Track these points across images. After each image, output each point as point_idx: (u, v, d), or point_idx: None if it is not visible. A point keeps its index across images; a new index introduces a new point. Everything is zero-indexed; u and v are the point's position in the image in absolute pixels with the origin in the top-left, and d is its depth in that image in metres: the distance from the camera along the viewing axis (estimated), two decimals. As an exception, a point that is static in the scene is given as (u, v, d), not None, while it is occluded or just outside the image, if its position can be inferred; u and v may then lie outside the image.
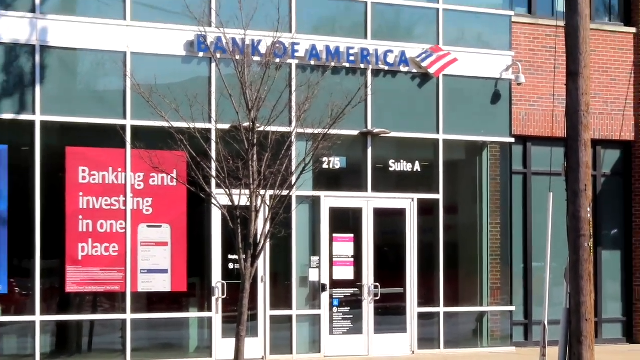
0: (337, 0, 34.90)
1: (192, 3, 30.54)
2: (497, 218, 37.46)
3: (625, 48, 40.32)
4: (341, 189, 35.14)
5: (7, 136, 30.68)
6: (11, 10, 30.58)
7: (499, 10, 37.16)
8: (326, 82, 31.58)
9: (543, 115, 37.20)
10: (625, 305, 40.60)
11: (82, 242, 31.06)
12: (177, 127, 27.06)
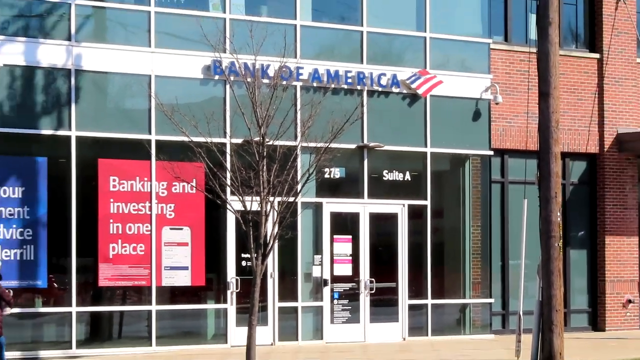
0: (336, 30, 34.92)
1: (209, 32, 30.51)
2: (478, 221, 37.48)
3: (590, 71, 40.29)
4: (340, 195, 35.13)
5: (47, 150, 30.81)
6: (50, 39, 30.61)
7: (478, 38, 37.17)
8: (327, 101, 31.59)
9: (518, 130, 37.19)
10: (591, 297, 40.56)
11: (113, 242, 31.16)
12: (196, 141, 27.05)
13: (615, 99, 40.67)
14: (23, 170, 30.56)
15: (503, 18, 39.06)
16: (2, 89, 30.03)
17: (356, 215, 35.33)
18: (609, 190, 40.66)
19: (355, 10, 35.07)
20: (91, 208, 31.22)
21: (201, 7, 32.89)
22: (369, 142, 34.72)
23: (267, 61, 28.99)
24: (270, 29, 31.10)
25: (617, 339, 37.15)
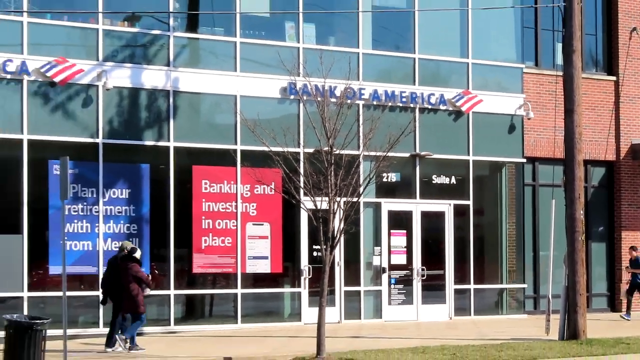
0: (392, 57, 34.75)
1: (285, 59, 30.45)
2: (513, 218, 37.24)
3: (608, 91, 39.95)
4: (396, 196, 34.99)
5: (149, 158, 30.86)
6: (151, 65, 30.69)
7: (513, 63, 36.92)
8: (385, 117, 31.44)
9: (547, 142, 36.89)
10: (609, 283, 40.22)
11: (205, 236, 31.24)
12: (274, 150, 27.02)
13: (629, 115, 40.35)
14: (129, 175, 30.72)
15: (534, 46, 38.80)
16: (111, 107, 30.17)
17: (409, 213, 35.21)
18: (624, 193, 40.35)
19: (408, 40, 34.93)
20: (186, 207, 31.36)
21: (279, 38, 32.92)
22: (420, 151, 34.60)
23: (335, 83, 28.87)
24: (337, 56, 31.01)
25: (632, 320, 36.79)
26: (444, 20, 35.44)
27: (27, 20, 29.20)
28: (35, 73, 28.98)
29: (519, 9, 37.39)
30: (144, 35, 31.07)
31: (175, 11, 31.64)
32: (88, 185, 29.73)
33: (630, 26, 40.31)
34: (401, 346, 27.22)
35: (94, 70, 29.83)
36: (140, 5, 31.04)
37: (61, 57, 29.38)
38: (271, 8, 33.23)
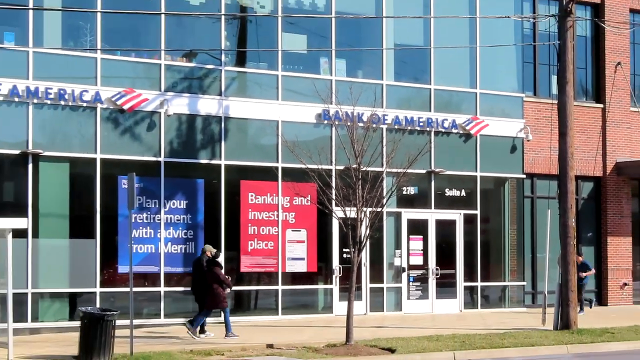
0: (411, 87, 34.53)
1: (320, 89, 30.41)
2: (514, 225, 36.93)
3: (596, 117, 39.64)
4: (414, 207, 34.71)
5: (203, 174, 30.79)
6: (206, 94, 30.61)
7: (515, 93, 36.65)
8: (404, 139, 31.19)
9: (544, 160, 36.61)
10: (597, 281, 39.86)
11: (251, 240, 31.12)
12: (310, 167, 26.91)
13: (614, 137, 40.00)
14: (186, 188, 30.62)
15: (532, 78, 38.54)
16: (171, 130, 30.10)
17: (425, 221, 34.91)
18: (610, 204, 40.00)
19: (425, 73, 34.72)
20: (235, 216, 31.19)
21: (314, 71, 32.72)
22: (435, 168, 34.31)
23: (362, 110, 28.65)
24: (364, 87, 31.18)
25: (616, 312, 36.51)
26: (456, 56, 35.23)
27: (100, 57, 29.20)
28: (107, 102, 28.94)
29: (520, 46, 37.09)
30: (199, 69, 31.04)
31: (226, 49, 31.56)
32: (151, 197, 29.69)
33: (615, 61, 39.99)
34: (418, 335, 27.16)
35: (157, 99, 29.76)
36: (196, 43, 31.02)
37: (129, 88, 29.33)
38: (308, 45, 33.14)
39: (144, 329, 27.53)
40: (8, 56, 27.99)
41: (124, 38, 30.16)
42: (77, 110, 28.83)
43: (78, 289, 28.75)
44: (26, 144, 27.94)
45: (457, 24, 35.20)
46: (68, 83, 28.51)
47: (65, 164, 28.81)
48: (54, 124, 28.66)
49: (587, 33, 40.01)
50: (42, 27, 28.75)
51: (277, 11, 32.08)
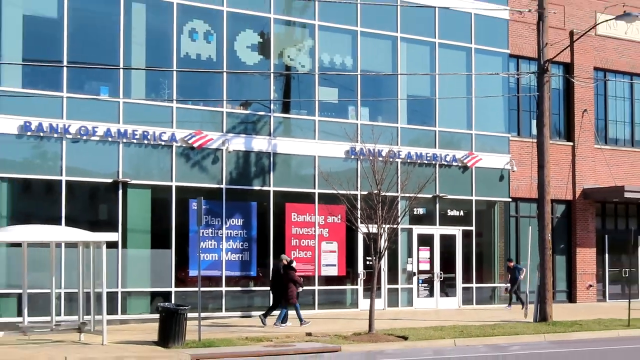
0: (420, 129, 34.46)
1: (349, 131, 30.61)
2: (502, 239, 36.79)
3: (567, 153, 39.44)
4: (423, 224, 34.53)
5: (256, 198, 30.93)
6: (258, 135, 30.72)
7: (503, 133, 36.51)
8: (415, 170, 31.35)
9: (526, 187, 36.44)
10: (568, 283, 39.59)
11: (293, 250, 31.07)
12: (340, 193, 27.00)
13: (581, 169, 39.77)
14: (243, 209, 30.68)
15: (517, 122, 38.37)
16: (231, 163, 30.20)
17: (432, 236, 34.75)
18: (578, 222, 39.72)
19: (431, 117, 34.72)
20: (281, 231, 31.21)
21: (344, 117, 32.79)
22: (439, 193, 34.24)
23: (381, 147, 28.86)
24: (383, 129, 31.41)
25: (583, 308, 36.29)
26: (455, 104, 35.14)
27: (175, 106, 29.38)
28: (180, 141, 29.13)
29: (507, 96, 37.01)
30: (253, 115, 31.14)
31: (274, 99, 31.62)
32: (215, 216, 29.80)
33: (582, 108, 39.81)
34: (426, 326, 27.12)
35: (220, 139, 29.91)
36: (250, 95, 31.16)
37: (198, 130, 29.50)
38: (339, 96, 33.09)
39: (209, 321, 27.62)
40: (103, 105, 28.22)
41: (194, 90, 30.30)
42: (157, 148, 29.04)
43: (157, 288, 28.85)
44: (117, 174, 28.14)
45: (457, 79, 35.25)
46: (150, 126, 28.75)
47: (148, 190, 29.00)
48: (139, 158, 28.89)
49: (560, 86, 39.85)
50: (129, 82, 29.03)
51: (315, 69, 32.23)
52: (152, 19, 29.53)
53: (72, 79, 27.83)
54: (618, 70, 41.86)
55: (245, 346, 22.71)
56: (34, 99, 27.16)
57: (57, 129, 27.20)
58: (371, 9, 33.18)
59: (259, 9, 31.07)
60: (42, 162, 27.36)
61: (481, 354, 22.54)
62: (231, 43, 30.63)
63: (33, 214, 26.83)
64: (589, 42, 39.58)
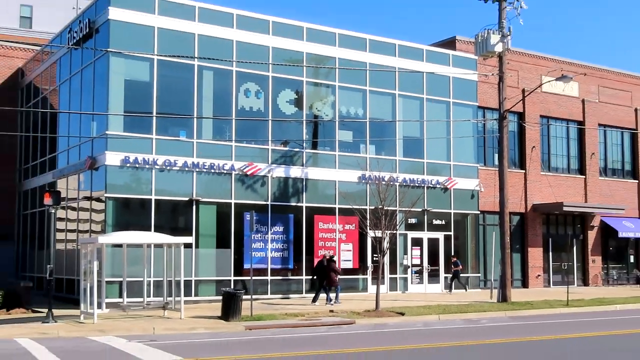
0: (413, 161, 34.06)
1: (360, 163, 30.50)
2: (474, 241, 36.28)
3: (520, 178, 39.20)
4: (415, 230, 33.99)
5: (292, 211, 30.63)
6: (294, 165, 30.68)
7: (473, 164, 36.04)
8: (409, 191, 31.26)
9: (491, 203, 36.12)
10: (522, 274, 39.19)
11: (320, 250, 30.78)
12: (354, 207, 26.98)
13: (531, 190, 39.58)
14: (283, 220, 30.40)
15: (483, 155, 38.14)
16: (274, 186, 30.12)
17: (421, 239, 34.24)
18: (529, 229, 39.44)
19: (421, 152, 34.43)
20: (311, 235, 31.02)
21: (356, 152, 32.45)
22: (427, 207, 33.82)
23: (384, 174, 28.41)
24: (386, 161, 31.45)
25: (533, 292, 35.88)
26: (439, 142, 34.81)
27: (234, 144, 29.41)
28: (238, 170, 29.16)
29: (476, 136, 36.83)
30: (290, 151, 30.93)
31: (305, 139, 31.50)
32: (262, 225, 29.63)
33: (531, 146, 39.65)
34: (417, 305, 26.89)
35: (266, 168, 29.88)
36: (288, 136, 30.97)
37: (250, 162, 29.52)
38: (353, 137, 32.71)
39: (258, 301, 27.38)
40: (181, 144, 28.29)
41: (247, 133, 30.16)
42: (220, 175, 29.01)
43: (220, 277, 28.70)
44: (192, 194, 28.19)
45: (439, 124, 34.90)
46: (215, 159, 28.77)
47: (214, 206, 28.96)
48: (207, 182, 28.82)
49: (515, 129, 39.51)
50: (201, 127, 29.09)
51: (335, 118, 32.07)
52: (218, 81, 29.57)
53: (159, 125, 27.96)
54: (557, 117, 41.60)
55: (285, 320, 22.65)
56: (131, 140, 27.34)
57: (148, 161, 27.31)
58: (377, 74, 33.13)
59: (294, 74, 31.06)
60: (137, 186, 27.45)
61: (458, 325, 22.28)
62: (274, 99, 30.64)
63: (130, 223, 26.97)
64: (536, 97, 39.34)
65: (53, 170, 32.69)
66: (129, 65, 27.93)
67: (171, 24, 28.31)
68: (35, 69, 36.62)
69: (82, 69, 29.95)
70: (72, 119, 31.16)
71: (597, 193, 42.50)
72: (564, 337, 18.94)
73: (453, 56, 36.02)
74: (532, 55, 41.07)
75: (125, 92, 27.65)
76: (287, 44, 31.01)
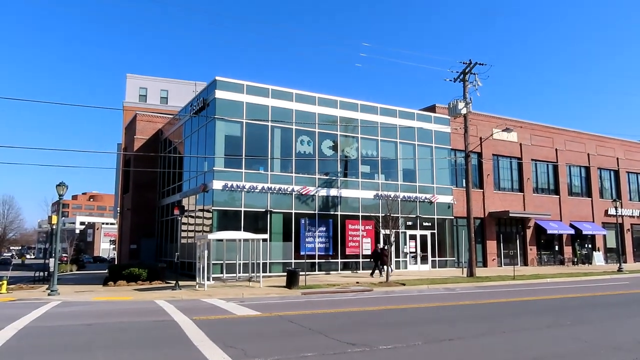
0: (409, 185, 33.52)
1: (375, 186, 29.88)
2: (451, 238, 35.20)
3: (481, 195, 38.22)
4: (411, 229, 33.20)
5: (332, 217, 29.98)
6: (332, 188, 30.16)
7: (449, 186, 35.10)
8: (407, 204, 30.54)
9: (461, 211, 35.14)
10: (483, 258, 37.94)
11: (349, 242, 30.19)
12: (372, 215, 26.38)
13: (488, 202, 38.38)
14: (326, 223, 29.89)
15: (455, 180, 37.14)
16: (320, 201, 29.71)
17: (416, 235, 33.32)
18: (487, 228, 38.13)
19: (414, 179, 33.79)
20: (343, 233, 30.37)
21: (372, 179, 31.99)
22: (419, 214, 33.10)
23: (391, 193, 27.96)
24: (391, 185, 30.25)
25: (491, 270, 34.53)
26: (426, 172, 34.22)
27: (294, 175, 29.25)
28: (296, 191, 28.97)
29: (451, 168, 36.04)
30: (329, 179, 30.58)
31: (340, 171, 31.21)
32: (312, 226, 29.21)
33: (487, 173, 38.69)
34: (413, 278, 26.06)
35: (314, 190, 29.61)
36: (328, 169, 30.68)
37: (304, 186, 29.33)
38: (370, 169, 32.21)
39: (309, 276, 27.04)
40: (260, 175, 28.28)
41: (303, 168, 30.01)
42: (285, 194, 28.88)
43: (285, 260, 28.39)
44: (267, 206, 28.09)
45: (426, 160, 34.40)
46: (282, 185, 28.69)
47: (281, 214, 28.72)
48: (277, 200, 28.67)
49: (476, 162, 38.64)
50: (273, 164, 29.07)
51: (359, 157, 31.79)
52: (283, 135, 29.53)
53: (246, 163, 28.05)
54: (504, 155, 40.45)
55: (327, 288, 22.09)
56: (229, 173, 27.44)
57: (239, 187, 27.36)
58: (385, 128, 32.79)
59: (332, 130, 30.94)
60: (232, 202, 27.47)
61: (440, 292, 21.53)
62: (319, 146, 30.45)
63: (228, 226, 26.90)
64: (489, 142, 38.44)
65: (179, 192, 33.07)
66: (227, 126, 28.15)
67: (254, 99, 28.56)
68: (169, 129, 37.32)
69: (198, 129, 30.36)
70: (191, 160, 31.54)
71: (532, 204, 41.23)
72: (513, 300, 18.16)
73: (434, 117, 35.45)
74: (485, 115, 40.22)
75: (225, 143, 27.85)
76: (327, 110, 30.96)
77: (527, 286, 24.66)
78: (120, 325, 12.69)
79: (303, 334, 11.31)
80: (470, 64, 29.33)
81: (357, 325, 12.41)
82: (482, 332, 11.52)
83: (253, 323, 13.10)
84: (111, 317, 14.13)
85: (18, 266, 63.51)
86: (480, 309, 15.87)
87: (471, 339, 10.68)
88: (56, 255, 21.85)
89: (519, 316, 14.17)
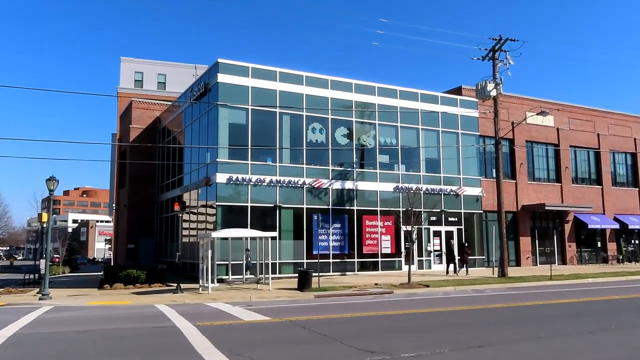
0: (433, 176, 33.44)
1: (394, 177, 29.83)
2: (480, 233, 35.11)
3: (513, 186, 38.00)
4: (435, 225, 33.14)
5: (347, 212, 30.07)
6: (348, 180, 30.14)
7: (477, 176, 35.04)
8: (430, 197, 30.44)
9: (491, 204, 35.01)
10: (516, 256, 37.81)
11: (367, 240, 30.29)
12: (391, 209, 26.35)
13: (521, 194, 38.27)
14: (340, 219, 29.98)
15: (484, 170, 37.00)
16: (334, 195, 29.71)
17: (440, 231, 33.33)
18: (520, 223, 38.09)
19: (439, 169, 33.70)
20: (360, 230, 30.44)
21: (392, 169, 31.97)
22: (444, 209, 33.04)
23: (412, 185, 27.93)
24: (413, 176, 30.22)
25: (525, 269, 34.44)
26: (452, 162, 34.11)
27: (305, 166, 29.28)
28: (308, 184, 29.05)
29: (479, 156, 35.82)
30: (345, 170, 30.60)
31: (356, 161, 31.18)
32: (325, 222, 29.35)
33: (520, 162, 38.44)
34: (438, 279, 26.06)
35: (328, 183, 29.65)
36: (343, 159, 30.69)
37: (317, 178, 29.36)
38: (389, 159, 32.19)
39: (323, 277, 27.14)
40: (268, 167, 28.39)
41: (315, 158, 30.01)
42: (295, 188, 28.94)
43: (296, 260, 28.51)
44: (276, 201, 28.20)
45: (452, 149, 34.26)
46: (292, 177, 28.76)
47: (291, 210, 28.83)
48: (286, 194, 28.77)
49: (508, 151, 38.47)
50: (282, 155, 29.11)
51: (376, 146, 31.71)
52: (293, 122, 29.60)
53: (253, 154, 28.14)
54: (538, 142, 40.19)
55: (342, 290, 22.15)
56: (234, 165, 27.56)
57: (245, 180, 27.47)
58: (405, 114, 32.67)
59: (347, 116, 30.92)
60: (238, 197, 27.61)
61: (469, 294, 21.42)
62: (333, 134, 30.45)
63: (233, 223, 27.04)
64: (522, 127, 38.19)
65: (180, 187, 33.29)
66: (232, 113, 28.22)
67: (260, 84, 28.57)
68: (168, 117, 37.48)
69: (199, 117, 30.47)
70: (192, 151, 31.72)
71: (571, 196, 40.89)
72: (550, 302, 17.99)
73: (460, 100, 35.24)
74: (518, 97, 39.88)
75: (229, 132, 27.95)
76: (341, 95, 30.91)
77: (565, 287, 24.47)
78: (118, 332, 12.76)
79: (317, 341, 11.30)
80: (500, 40, 28.98)
81: (376, 331, 12.38)
82: (515, 338, 11.42)
83: (262, 329, 13.14)
84: (107, 324, 14.26)
85: (6, 268, 64.48)
86: (514, 313, 15.75)
87: (503, 346, 10.59)
88: (47, 256, 22.14)
89: (557, 320, 14.03)
